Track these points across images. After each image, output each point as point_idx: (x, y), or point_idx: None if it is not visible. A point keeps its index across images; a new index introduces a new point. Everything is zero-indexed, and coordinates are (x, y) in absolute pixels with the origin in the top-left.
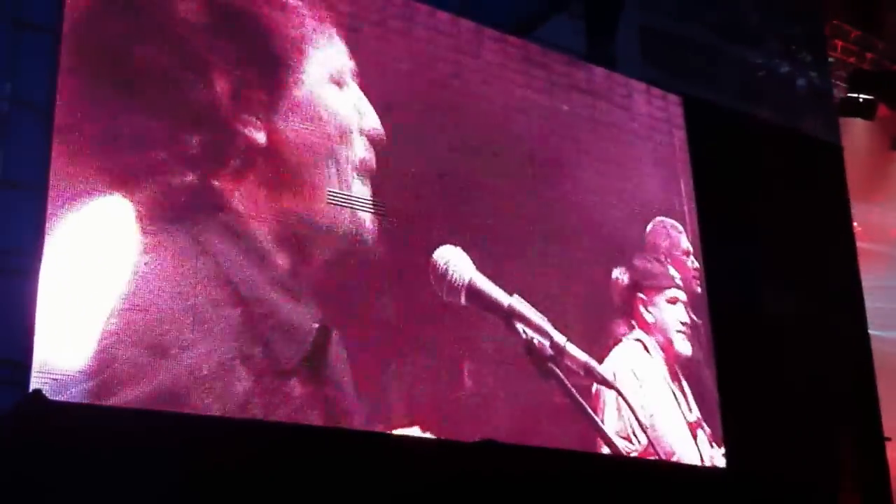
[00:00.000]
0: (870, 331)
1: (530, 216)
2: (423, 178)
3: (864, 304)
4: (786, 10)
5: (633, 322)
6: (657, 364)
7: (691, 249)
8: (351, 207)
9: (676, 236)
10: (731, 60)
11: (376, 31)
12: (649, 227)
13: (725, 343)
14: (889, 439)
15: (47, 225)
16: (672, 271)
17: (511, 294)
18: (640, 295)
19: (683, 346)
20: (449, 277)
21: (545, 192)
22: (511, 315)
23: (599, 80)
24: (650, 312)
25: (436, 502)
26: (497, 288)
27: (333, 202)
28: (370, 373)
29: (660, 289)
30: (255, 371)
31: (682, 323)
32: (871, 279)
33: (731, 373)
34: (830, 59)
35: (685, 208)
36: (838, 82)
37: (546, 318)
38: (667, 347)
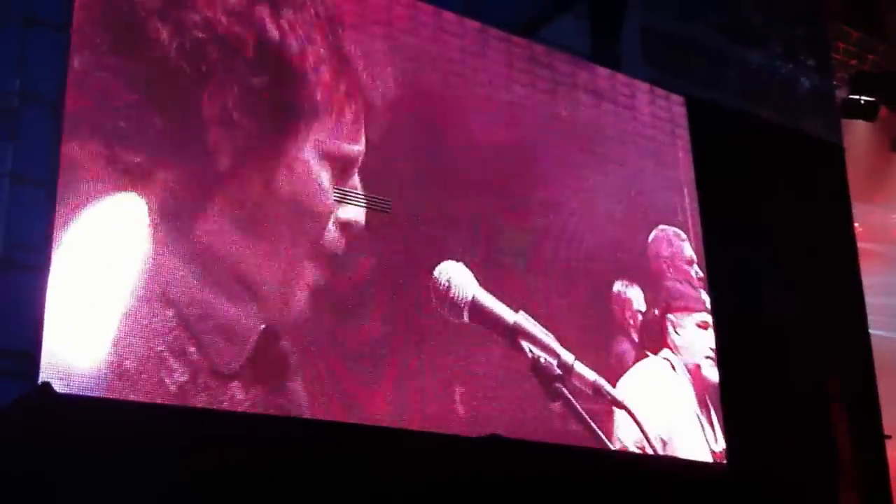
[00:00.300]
0: (870, 330)
1: (535, 221)
2: (426, 179)
3: (865, 303)
4: (788, 11)
5: (659, 342)
6: (684, 387)
7: (695, 258)
8: (356, 204)
9: (679, 244)
10: (734, 61)
11: (382, 30)
12: (652, 236)
13: (725, 342)
14: (889, 437)
15: (56, 220)
16: (704, 295)
17: (516, 311)
18: (670, 316)
19: (712, 373)
20: (451, 295)
21: (550, 194)
22: (516, 333)
23: (603, 81)
24: (679, 335)
25: (440, 496)
26: (501, 304)
27: (339, 199)
28: (352, 392)
29: (689, 311)
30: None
31: (711, 349)
32: (872, 279)
33: (731, 371)
34: (832, 61)
35: (688, 208)
36: (840, 84)
37: (553, 336)
38: (694, 372)
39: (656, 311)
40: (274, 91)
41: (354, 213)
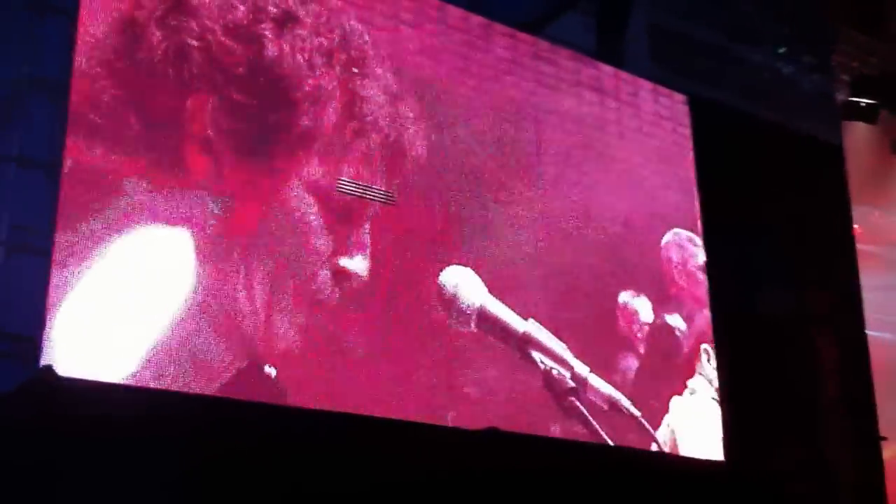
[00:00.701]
0: (867, 331)
1: (537, 221)
2: (428, 176)
3: (863, 305)
4: (792, 12)
5: (691, 372)
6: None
7: (703, 265)
8: (361, 196)
9: (692, 250)
10: (737, 61)
11: (387, 24)
12: (666, 240)
13: (723, 342)
14: (885, 439)
15: (60, 204)
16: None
17: (526, 319)
18: (705, 346)
19: None
20: (458, 302)
21: (553, 193)
22: (526, 342)
23: (607, 78)
24: (712, 366)
25: (437, 489)
26: (511, 312)
27: (343, 191)
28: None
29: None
30: None
31: None
32: (871, 280)
33: (728, 371)
34: (834, 63)
35: (690, 208)
36: (841, 85)
37: (566, 346)
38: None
39: (688, 339)
40: (264, 116)
41: (358, 265)
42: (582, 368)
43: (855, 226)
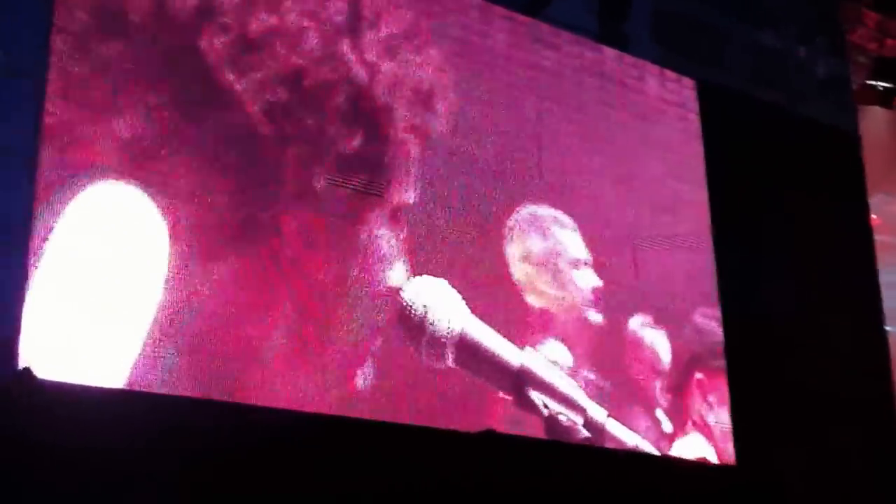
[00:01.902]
0: (886, 327)
1: (535, 218)
2: (425, 166)
3: (881, 298)
4: None
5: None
6: None
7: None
8: (352, 189)
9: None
10: (746, 44)
11: (380, 4)
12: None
13: (735, 339)
14: None
15: (38, 197)
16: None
17: (523, 347)
18: (699, 375)
19: None
20: (428, 327)
21: (552, 183)
22: (524, 380)
23: (610, 62)
24: (710, 404)
25: (434, 492)
26: (502, 339)
27: (334, 184)
28: None
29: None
30: None
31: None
32: (889, 273)
33: (741, 370)
34: (849, 45)
35: (697, 198)
36: (857, 69)
37: (574, 382)
38: None
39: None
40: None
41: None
42: (598, 412)
43: (872, 216)
